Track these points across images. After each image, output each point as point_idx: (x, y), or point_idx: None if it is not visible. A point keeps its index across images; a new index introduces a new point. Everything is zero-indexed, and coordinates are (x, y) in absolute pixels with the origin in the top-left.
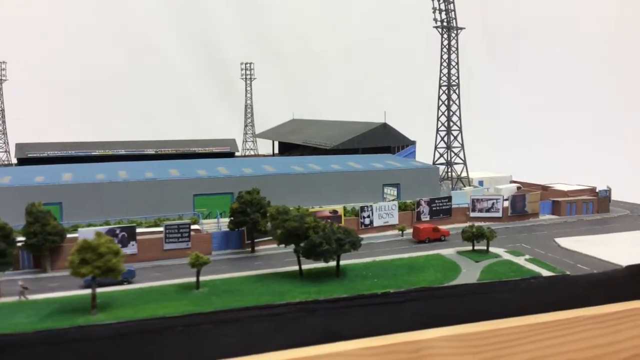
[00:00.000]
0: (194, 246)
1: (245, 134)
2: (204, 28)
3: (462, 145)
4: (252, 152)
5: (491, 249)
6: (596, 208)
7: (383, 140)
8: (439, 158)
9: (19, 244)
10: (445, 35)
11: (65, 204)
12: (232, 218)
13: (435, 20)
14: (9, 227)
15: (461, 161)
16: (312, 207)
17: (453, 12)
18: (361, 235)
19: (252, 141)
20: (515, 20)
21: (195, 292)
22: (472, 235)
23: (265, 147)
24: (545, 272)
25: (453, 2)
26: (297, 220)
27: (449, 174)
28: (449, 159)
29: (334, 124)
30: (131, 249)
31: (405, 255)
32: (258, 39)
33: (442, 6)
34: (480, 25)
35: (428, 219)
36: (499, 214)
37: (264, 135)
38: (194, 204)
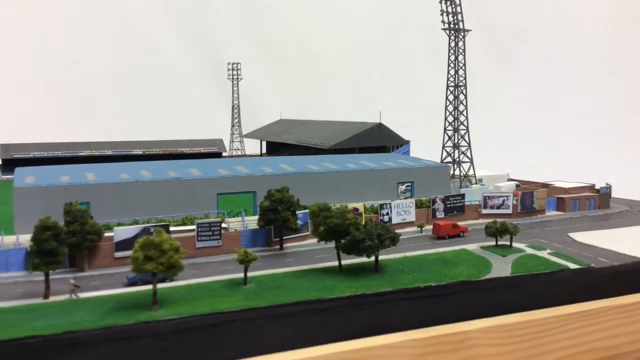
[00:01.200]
0: (224, 244)
1: (232, 134)
2: (191, 28)
3: (469, 144)
4: (239, 152)
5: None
6: (598, 204)
7: (378, 140)
8: (446, 157)
9: None
10: (452, 37)
11: (93, 203)
12: (262, 216)
13: (443, 22)
14: (60, 227)
15: (468, 160)
16: (333, 205)
17: (460, 15)
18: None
19: (240, 141)
20: (515, 21)
21: (243, 287)
22: (496, 231)
23: (252, 147)
24: (571, 265)
25: (460, 5)
26: (339, 217)
27: (459, 172)
28: (455, 157)
29: (326, 124)
30: None
31: (432, 251)
32: (246, 39)
33: (450, 9)
34: (480, 25)
35: (443, 215)
36: (509, 211)
37: (253, 135)
38: (218, 203)
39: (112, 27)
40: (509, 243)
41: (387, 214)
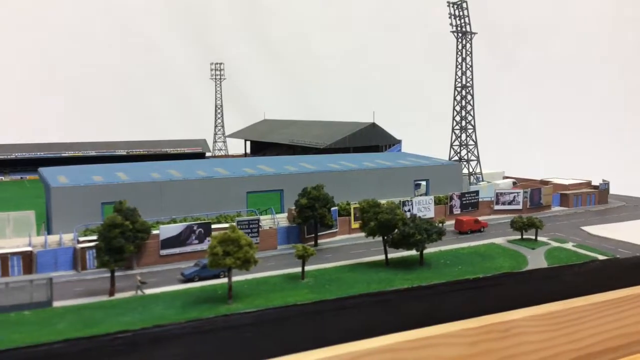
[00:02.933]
0: (261, 241)
1: (216, 134)
2: (174, 28)
3: (476, 143)
4: (222, 152)
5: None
6: (597, 200)
7: (372, 139)
8: (454, 155)
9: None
10: (460, 40)
11: (129, 202)
12: (299, 213)
13: (452, 25)
14: (127, 224)
15: (475, 158)
16: (356, 203)
17: (467, 18)
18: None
19: (223, 141)
20: (514, 21)
21: (302, 281)
22: (523, 225)
23: (235, 147)
24: (599, 256)
25: (467, 9)
26: (388, 213)
27: (467, 170)
28: (461, 156)
29: (316, 124)
30: (207, 244)
31: (463, 245)
32: (231, 40)
33: (457, 12)
34: (480, 26)
35: (459, 211)
36: (520, 206)
37: (237, 135)
38: (247, 201)
39: (92, 27)
40: (532, 237)
41: (409, 210)
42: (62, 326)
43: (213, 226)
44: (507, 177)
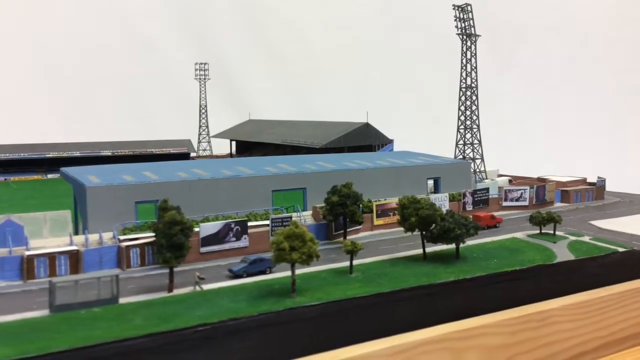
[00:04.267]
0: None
1: (200, 134)
2: (159, 27)
3: (480, 142)
4: (207, 153)
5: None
6: (595, 196)
7: (365, 139)
8: (459, 154)
9: (148, 240)
10: (465, 42)
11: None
12: (330, 210)
13: (457, 27)
14: (188, 222)
15: (479, 157)
16: (378, 200)
17: (472, 21)
18: None
19: (207, 142)
20: (514, 21)
21: (351, 275)
22: (543, 220)
23: (220, 147)
24: (619, 249)
25: (471, 12)
26: (429, 209)
27: (473, 168)
28: (466, 155)
29: (306, 124)
30: (244, 242)
31: (487, 240)
32: (213, 40)
33: (462, 15)
34: (480, 26)
35: (471, 208)
36: (526, 203)
37: (223, 135)
38: (273, 200)
39: (76, 27)
40: (549, 231)
41: None
42: (138, 321)
43: (250, 223)
44: (502, 175)
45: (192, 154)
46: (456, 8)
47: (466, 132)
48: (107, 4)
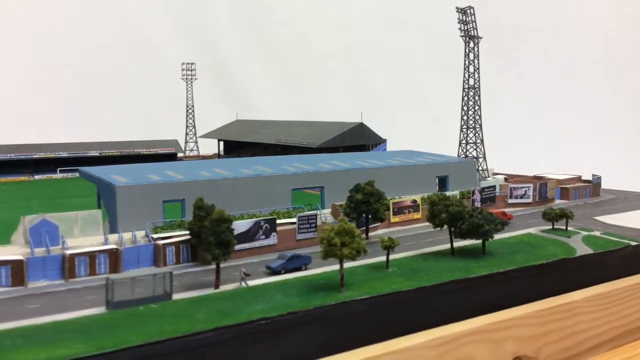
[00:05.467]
0: (318, 235)
1: (187, 134)
2: (145, 27)
3: (482, 141)
4: (194, 153)
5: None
6: (592, 193)
7: (360, 138)
8: (461, 153)
9: (183, 239)
10: (468, 44)
11: (188, 200)
12: (354, 208)
13: (460, 29)
14: (233, 219)
15: (481, 155)
16: (393, 198)
17: (474, 23)
18: None
19: (194, 142)
20: (512, 21)
21: (388, 270)
22: (556, 216)
23: (207, 147)
24: (632, 242)
25: (474, 15)
26: (458, 205)
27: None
28: (468, 154)
29: (296, 124)
30: (272, 239)
31: (506, 235)
32: (200, 40)
33: (465, 18)
34: (480, 27)
35: (479, 205)
36: (530, 200)
37: (211, 135)
38: (292, 198)
39: (60, 26)
40: (560, 227)
41: None
42: (200, 316)
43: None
44: (497, 174)
45: (179, 154)
46: (459, 11)
47: (468, 131)
48: (102, 3)
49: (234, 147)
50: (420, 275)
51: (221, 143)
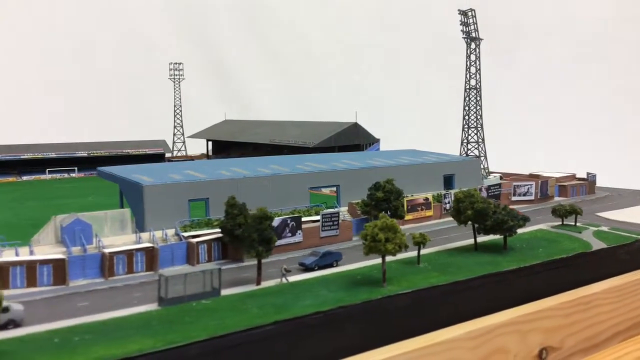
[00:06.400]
0: (341, 233)
1: (175, 134)
2: (131, 27)
3: (483, 140)
4: (182, 153)
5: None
6: (587, 190)
7: (354, 138)
8: (463, 153)
9: (215, 237)
10: (469, 45)
11: (212, 199)
12: (375, 205)
13: (462, 31)
14: (273, 216)
15: (482, 154)
16: (406, 196)
17: (475, 25)
18: (444, 219)
19: (182, 142)
20: (510, 22)
21: (420, 266)
22: (566, 212)
23: (194, 147)
24: (638, 237)
25: (475, 17)
26: (483, 202)
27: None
28: (469, 153)
29: (286, 124)
30: (298, 237)
31: (519, 231)
32: (188, 40)
33: (466, 20)
34: (480, 28)
35: None
36: (532, 197)
37: (199, 135)
38: (310, 197)
39: (42, 25)
40: (570, 223)
41: (449, 202)
42: (255, 311)
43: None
44: (491, 172)
45: (167, 155)
46: (461, 13)
47: (470, 131)
48: (92, 3)
49: (223, 147)
50: (452, 270)
51: (209, 143)
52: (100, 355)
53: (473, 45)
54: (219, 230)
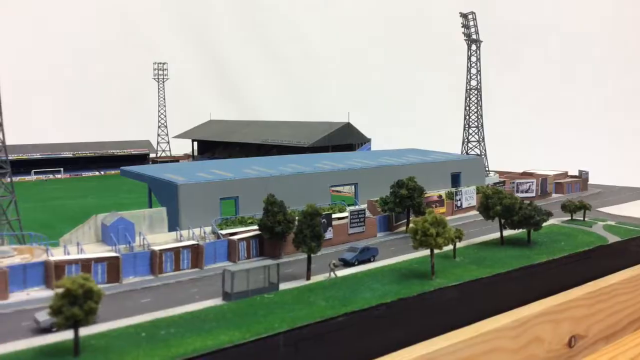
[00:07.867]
0: (367, 229)
1: (159, 135)
2: (118, 26)
3: (484, 139)
4: (167, 154)
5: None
6: (581, 187)
7: (347, 138)
8: (464, 152)
9: (254, 234)
10: (470, 47)
11: (241, 198)
12: (399, 202)
13: (464, 34)
14: (322, 212)
15: (482, 153)
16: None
17: (476, 27)
18: (457, 216)
19: (166, 142)
20: (513, 22)
21: (457, 260)
22: (575, 207)
23: (178, 148)
24: None
25: (475, 20)
26: (510, 198)
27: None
28: (470, 152)
29: (283, 124)
30: (329, 234)
31: None
32: (177, 39)
33: (467, 22)
34: (480, 28)
35: None
36: (533, 194)
37: (184, 135)
38: (331, 194)
39: (30, 26)
40: (580, 218)
41: (459, 199)
42: (322, 304)
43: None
44: (490, 171)
45: (152, 155)
46: (462, 16)
47: (470, 130)
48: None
49: (208, 147)
50: (489, 263)
51: (195, 143)
52: (196, 347)
53: (474, 47)
54: (256, 227)
